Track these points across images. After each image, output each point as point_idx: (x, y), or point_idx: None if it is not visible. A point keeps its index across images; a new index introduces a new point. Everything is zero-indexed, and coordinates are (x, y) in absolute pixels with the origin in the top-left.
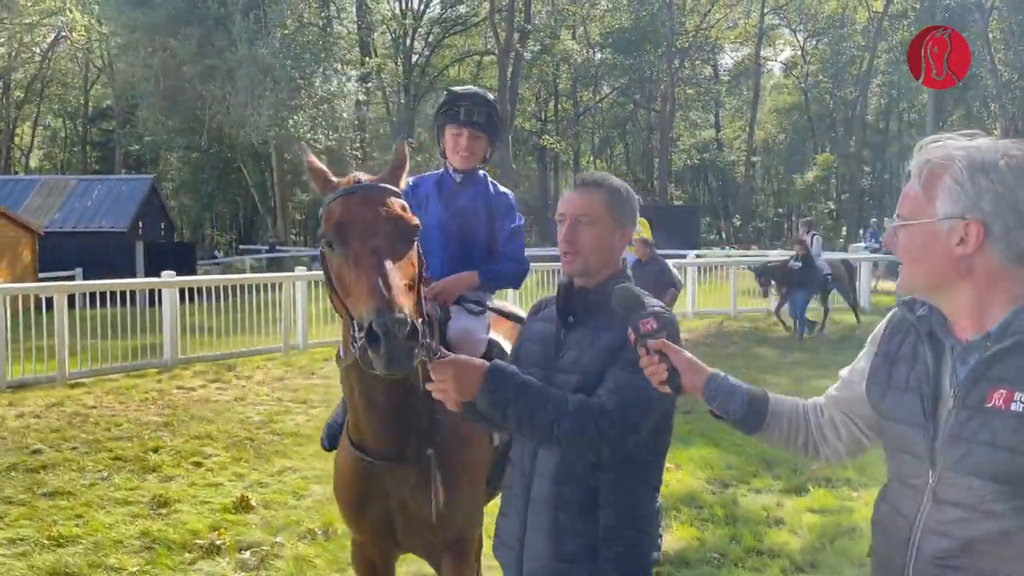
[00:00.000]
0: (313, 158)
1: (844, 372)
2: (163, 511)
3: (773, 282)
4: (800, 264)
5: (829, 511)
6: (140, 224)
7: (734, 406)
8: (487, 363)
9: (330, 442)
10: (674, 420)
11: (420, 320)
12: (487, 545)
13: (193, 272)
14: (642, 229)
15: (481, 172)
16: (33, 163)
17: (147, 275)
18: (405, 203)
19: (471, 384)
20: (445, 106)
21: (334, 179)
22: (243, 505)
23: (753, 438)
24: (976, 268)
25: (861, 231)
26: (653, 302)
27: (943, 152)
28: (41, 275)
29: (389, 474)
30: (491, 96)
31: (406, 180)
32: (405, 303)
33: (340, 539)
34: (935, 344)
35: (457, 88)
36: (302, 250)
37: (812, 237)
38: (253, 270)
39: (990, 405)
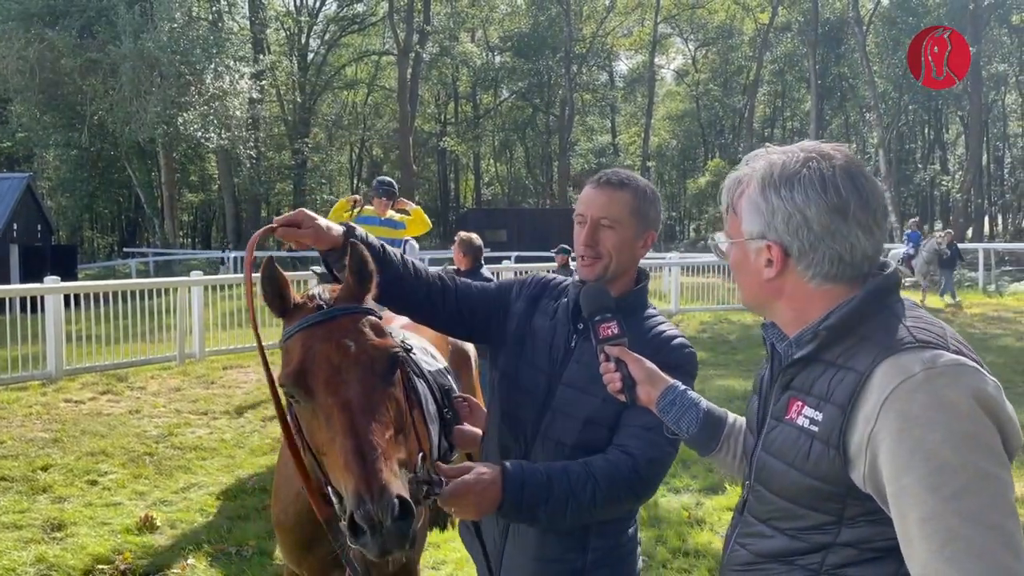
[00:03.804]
0: (278, 269)
1: None
2: (58, 535)
3: None
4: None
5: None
6: (14, 226)
7: (687, 423)
8: (500, 474)
9: None
10: None
11: (414, 474)
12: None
13: (74, 277)
14: (413, 218)
15: None
16: None
17: (24, 280)
18: (379, 321)
19: (490, 504)
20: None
21: (292, 296)
22: (147, 525)
23: (707, 459)
24: (787, 288)
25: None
26: (675, 332)
27: (749, 167)
28: None
29: None
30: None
31: (376, 286)
32: (391, 478)
33: (257, 558)
34: (776, 354)
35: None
36: (196, 252)
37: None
38: (139, 274)
39: (788, 417)
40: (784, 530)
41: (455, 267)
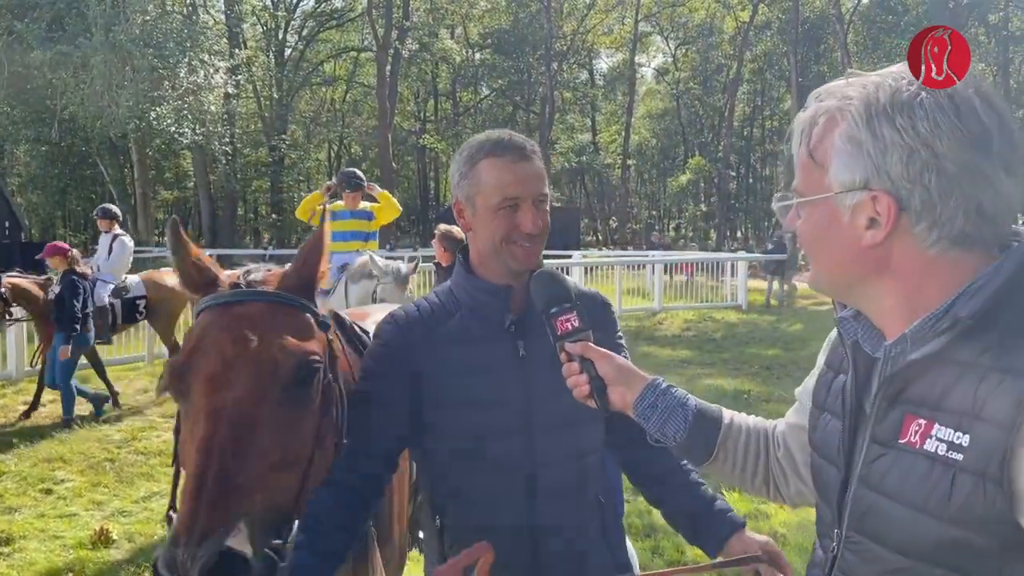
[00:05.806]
0: (185, 238)
1: (798, 389)
2: (5, 550)
3: None
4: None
5: (745, 517)
6: None
7: (673, 429)
8: None
9: None
10: None
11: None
12: None
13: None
14: (382, 204)
15: None
16: None
17: None
18: (310, 321)
19: None
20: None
21: (216, 274)
22: (102, 539)
23: (703, 471)
24: (895, 258)
25: None
26: (585, 287)
27: (839, 97)
28: None
29: None
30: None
31: (327, 273)
32: (224, 523)
33: None
34: (861, 354)
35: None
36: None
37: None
38: None
39: (903, 441)
40: None
41: (436, 262)
